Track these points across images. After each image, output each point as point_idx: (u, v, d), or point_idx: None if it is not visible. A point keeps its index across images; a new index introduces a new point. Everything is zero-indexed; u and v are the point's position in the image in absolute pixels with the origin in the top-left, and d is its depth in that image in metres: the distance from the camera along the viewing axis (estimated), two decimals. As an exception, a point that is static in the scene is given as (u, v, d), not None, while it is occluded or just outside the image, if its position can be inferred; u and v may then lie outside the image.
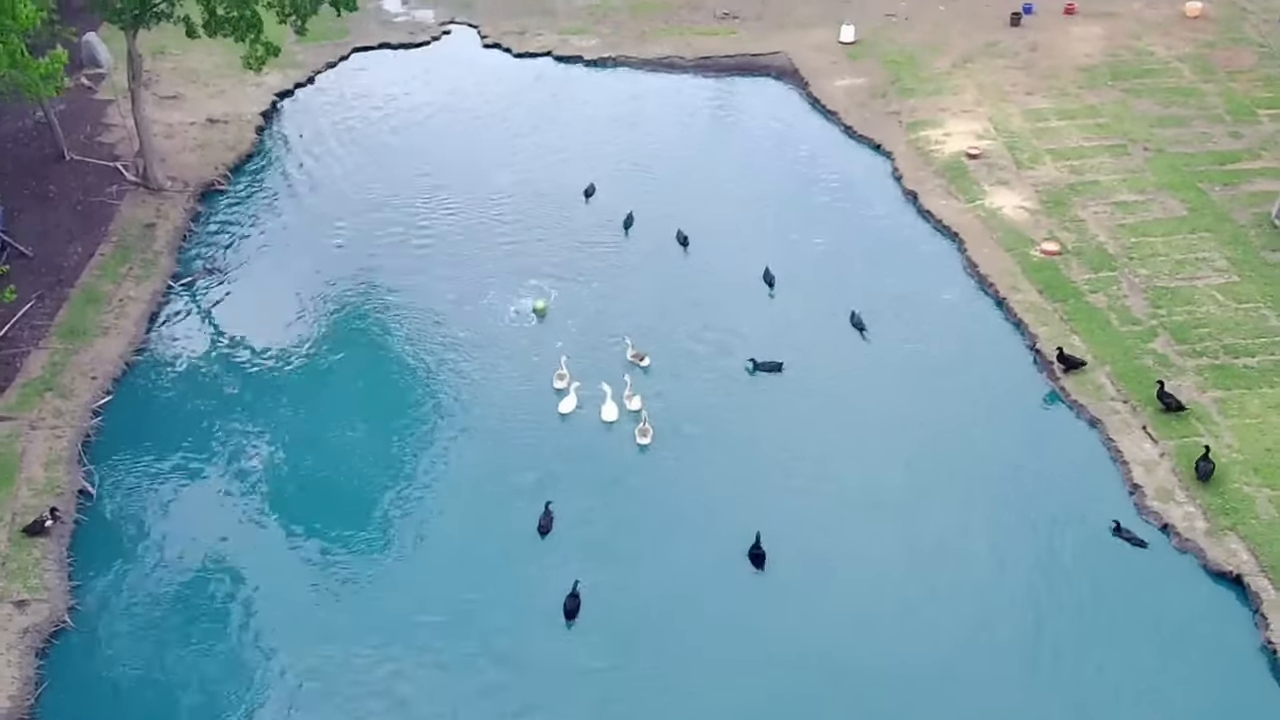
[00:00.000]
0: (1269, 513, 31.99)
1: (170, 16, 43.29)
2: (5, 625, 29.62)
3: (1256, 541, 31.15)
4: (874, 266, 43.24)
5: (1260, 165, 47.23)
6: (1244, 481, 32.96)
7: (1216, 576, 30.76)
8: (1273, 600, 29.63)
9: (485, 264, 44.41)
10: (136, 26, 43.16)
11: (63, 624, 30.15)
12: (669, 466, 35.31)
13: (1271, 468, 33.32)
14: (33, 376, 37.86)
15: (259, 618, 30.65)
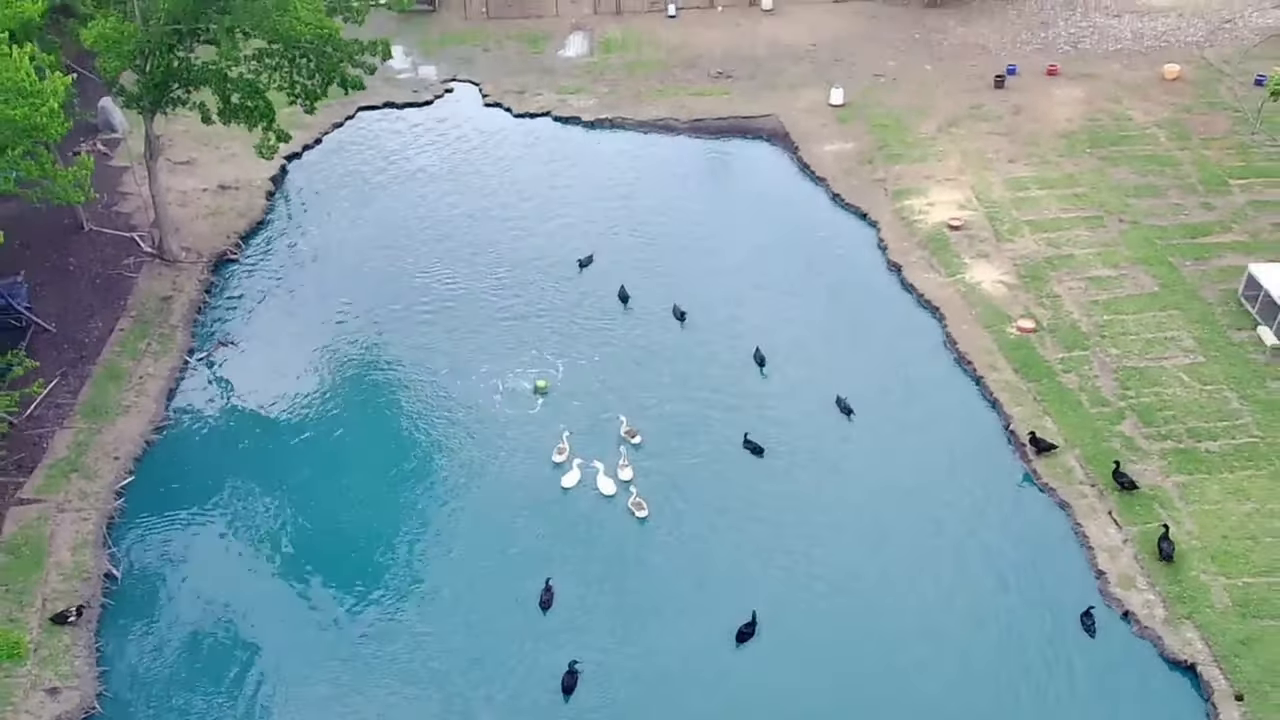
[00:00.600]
0: (1223, 601, 33.99)
1: (186, 103, 45.11)
2: (39, 713, 31.62)
3: (1210, 631, 33.15)
4: (859, 343, 45.18)
5: (1230, 239, 49.13)
6: (1201, 569, 34.96)
7: (1172, 665, 32.76)
8: (1224, 691, 31.63)
9: (487, 336, 46.36)
10: (154, 112, 45.02)
11: (92, 710, 32.18)
12: (664, 541, 37.35)
13: (1227, 555, 35.31)
14: (59, 457, 39.82)
15: (276, 692, 32.67)
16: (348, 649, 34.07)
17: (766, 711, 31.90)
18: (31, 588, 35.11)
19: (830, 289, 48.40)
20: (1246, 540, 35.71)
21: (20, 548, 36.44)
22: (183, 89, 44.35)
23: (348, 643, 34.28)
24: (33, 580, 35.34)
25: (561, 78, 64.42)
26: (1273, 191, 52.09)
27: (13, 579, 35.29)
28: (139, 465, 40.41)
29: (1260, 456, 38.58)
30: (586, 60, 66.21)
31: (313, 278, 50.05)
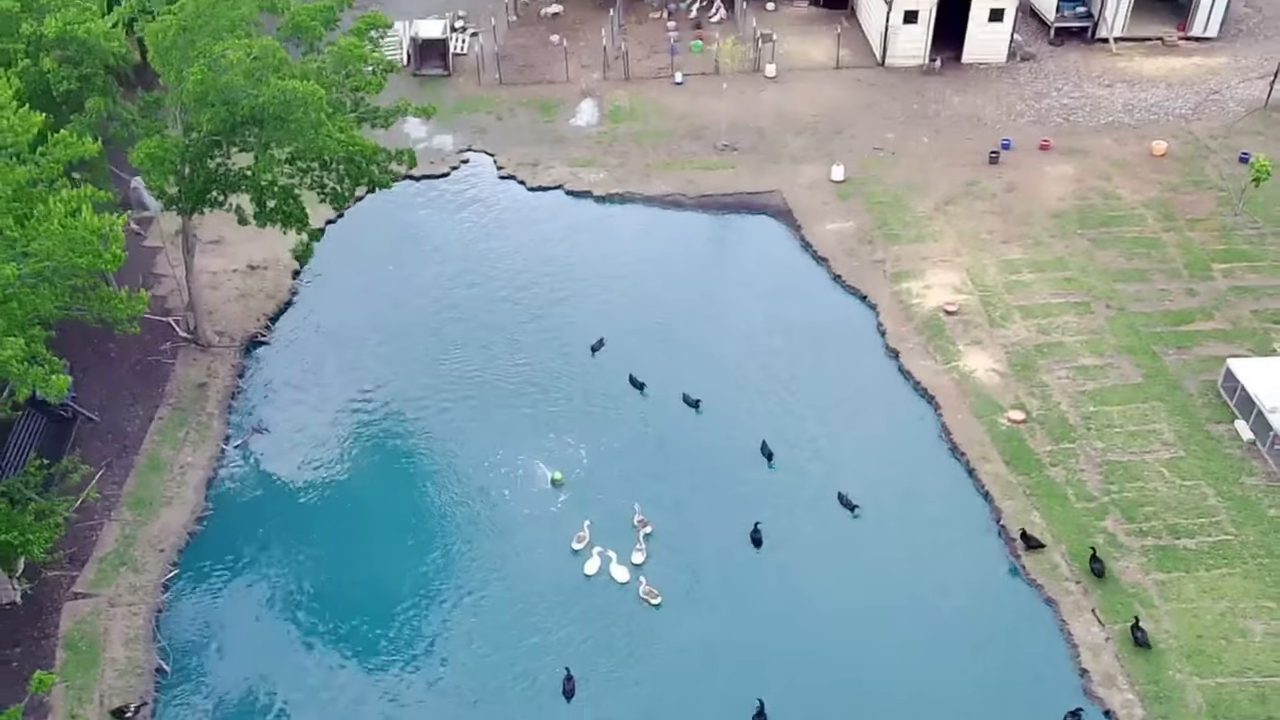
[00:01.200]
0: (1196, 701, 36.66)
1: (223, 205, 47.62)
2: (103, 810, 34.28)
3: (1185, 731, 35.87)
4: (860, 433, 47.79)
5: (1211, 326, 51.71)
6: (1177, 669, 37.63)
7: (1149, 763, 35.49)
8: (1195, 790, 34.37)
9: (505, 423, 48.93)
10: (191, 214, 47.57)
11: (151, 806, 34.83)
12: (676, 628, 40.07)
13: (1201, 656, 37.97)
14: (108, 550, 42.44)
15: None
16: None
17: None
18: (90, 684, 37.77)
19: (833, 375, 50.92)
20: (1220, 640, 38.36)
21: (77, 643, 39.06)
22: (220, 193, 46.77)
23: None
24: (91, 676, 37.98)
25: (573, 149, 66.83)
26: (1252, 276, 54.63)
27: (72, 675, 37.94)
28: (182, 557, 43.04)
29: (1234, 555, 41.20)
30: (596, 130, 68.59)
31: (338, 361, 52.54)
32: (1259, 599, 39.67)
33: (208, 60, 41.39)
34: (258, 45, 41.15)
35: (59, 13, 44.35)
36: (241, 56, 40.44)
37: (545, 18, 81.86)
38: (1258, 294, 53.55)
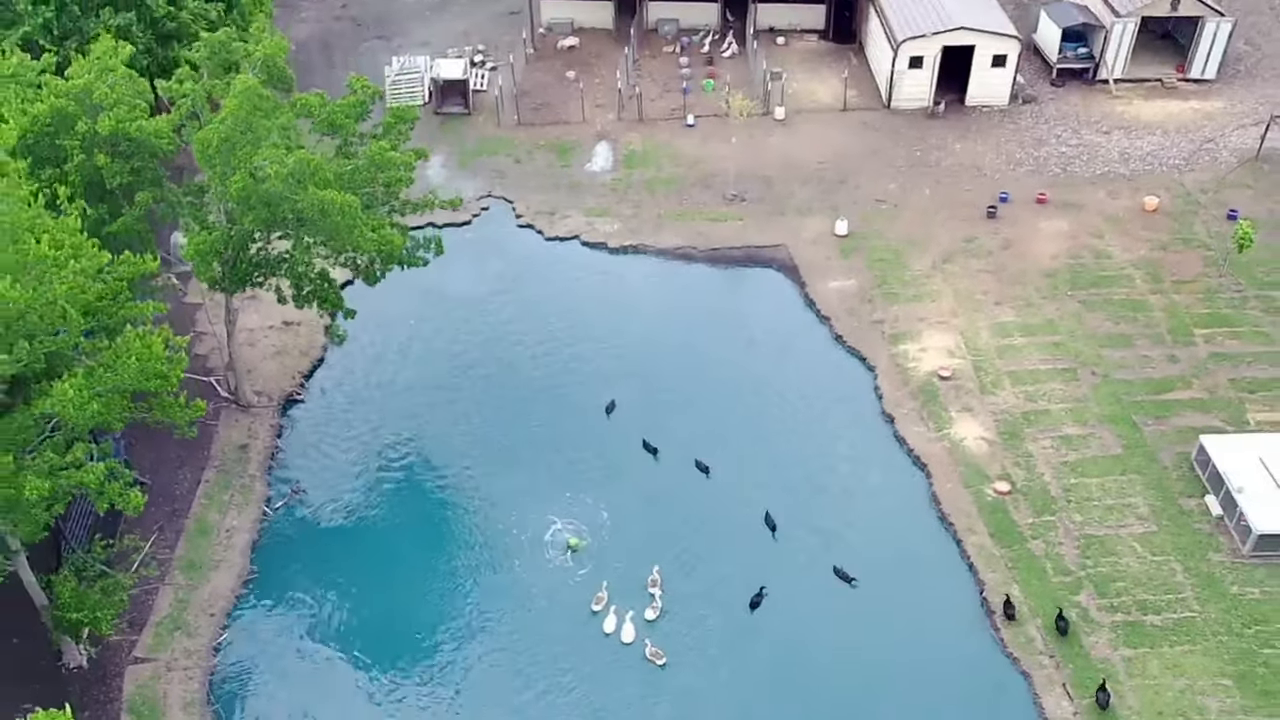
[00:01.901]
0: (1154, 776, 40.58)
1: (263, 286, 51.11)
2: None
3: (1141, 805, 39.76)
4: (856, 503, 51.35)
5: (1189, 395, 54.96)
6: (1137, 745, 41.49)
7: (1108, 834, 39.42)
8: None
9: (525, 484, 52.65)
10: (234, 294, 51.11)
11: None
12: (680, 689, 44.08)
13: (1161, 731, 41.83)
14: (163, 614, 46.51)
15: None
16: None
17: None
18: (153, 748, 41.97)
19: (833, 441, 54.35)
20: (1178, 717, 42.13)
21: (140, 708, 43.25)
22: (261, 276, 50.25)
23: None
24: (152, 741, 42.18)
25: (588, 196, 69.91)
26: (1232, 342, 57.75)
27: (137, 739, 42.13)
28: (231, 620, 47.09)
29: (1196, 632, 44.86)
30: (610, 176, 71.60)
31: (366, 420, 56.20)
32: (1217, 676, 43.36)
33: (248, 169, 44.65)
34: (294, 159, 44.35)
35: (111, 111, 47.63)
36: (279, 170, 43.69)
37: (562, 50, 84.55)
38: (1235, 361, 56.70)
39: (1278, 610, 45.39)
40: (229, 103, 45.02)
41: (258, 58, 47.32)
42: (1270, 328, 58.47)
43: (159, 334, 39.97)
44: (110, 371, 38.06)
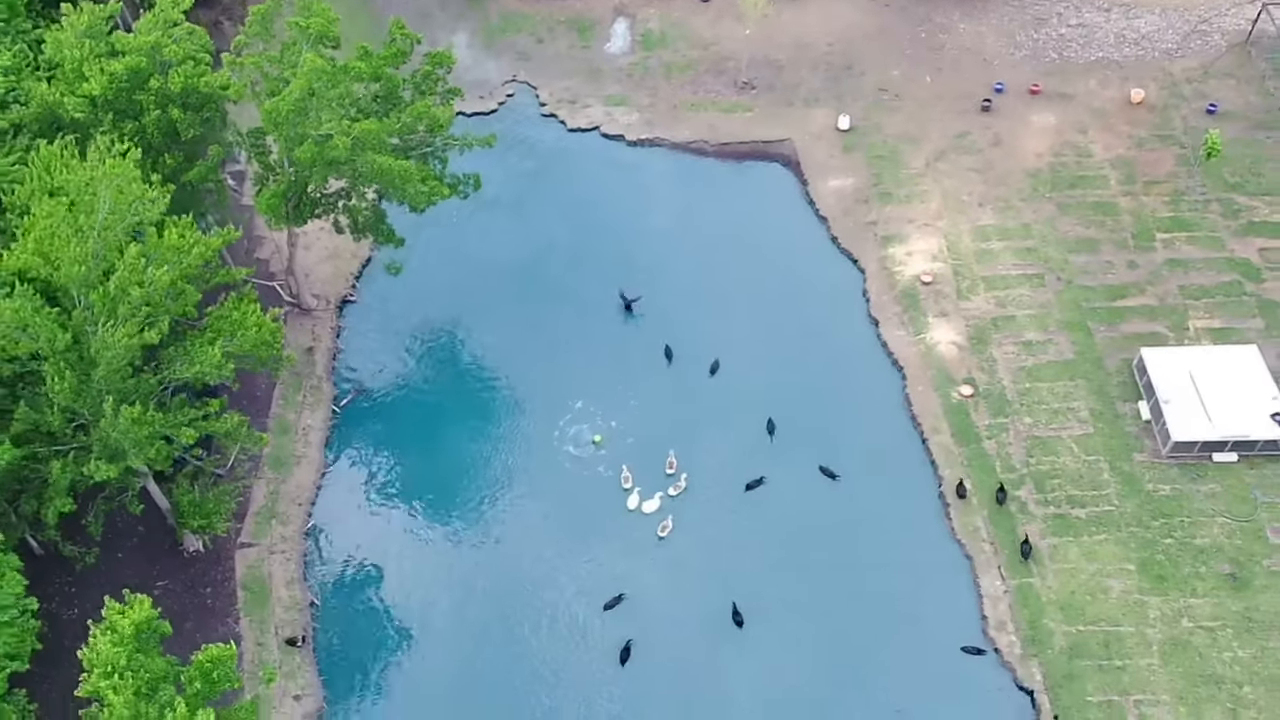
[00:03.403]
0: (1060, 644, 52.34)
1: (321, 217, 59.33)
2: (293, 712, 51.55)
3: (1048, 668, 51.74)
4: (840, 402, 61.34)
5: (1140, 302, 63.48)
6: (1050, 618, 53.08)
7: (1020, 691, 51.57)
8: (1047, 712, 50.56)
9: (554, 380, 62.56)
10: (298, 227, 59.46)
11: (323, 710, 52.04)
12: (688, 549, 56.12)
13: (1071, 608, 53.29)
14: (260, 505, 57.87)
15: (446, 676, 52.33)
16: (471, 633, 53.58)
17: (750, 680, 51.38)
18: (266, 618, 54.27)
19: (824, 343, 63.79)
20: (1086, 596, 53.59)
21: (251, 585, 55.30)
22: (320, 211, 58.50)
23: (468, 630, 53.73)
24: (265, 612, 54.43)
25: (608, 82, 76.09)
26: (1189, 248, 65.66)
27: (253, 611, 54.41)
28: (314, 508, 58.49)
29: (1112, 523, 55.70)
30: (628, 60, 77.37)
31: (413, 318, 65.69)
32: (1122, 562, 54.50)
33: (314, 138, 52.15)
34: (358, 129, 51.71)
35: (179, 67, 54.58)
36: (344, 141, 51.22)
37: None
38: (1187, 267, 64.80)
39: (1181, 506, 55.94)
40: (297, 80, 51.87)
41: (312, 33, 53.55)
42: (1224, 233, 66.12)
43: (271, 314, 49.50)
44: (235, 339, 47.68)
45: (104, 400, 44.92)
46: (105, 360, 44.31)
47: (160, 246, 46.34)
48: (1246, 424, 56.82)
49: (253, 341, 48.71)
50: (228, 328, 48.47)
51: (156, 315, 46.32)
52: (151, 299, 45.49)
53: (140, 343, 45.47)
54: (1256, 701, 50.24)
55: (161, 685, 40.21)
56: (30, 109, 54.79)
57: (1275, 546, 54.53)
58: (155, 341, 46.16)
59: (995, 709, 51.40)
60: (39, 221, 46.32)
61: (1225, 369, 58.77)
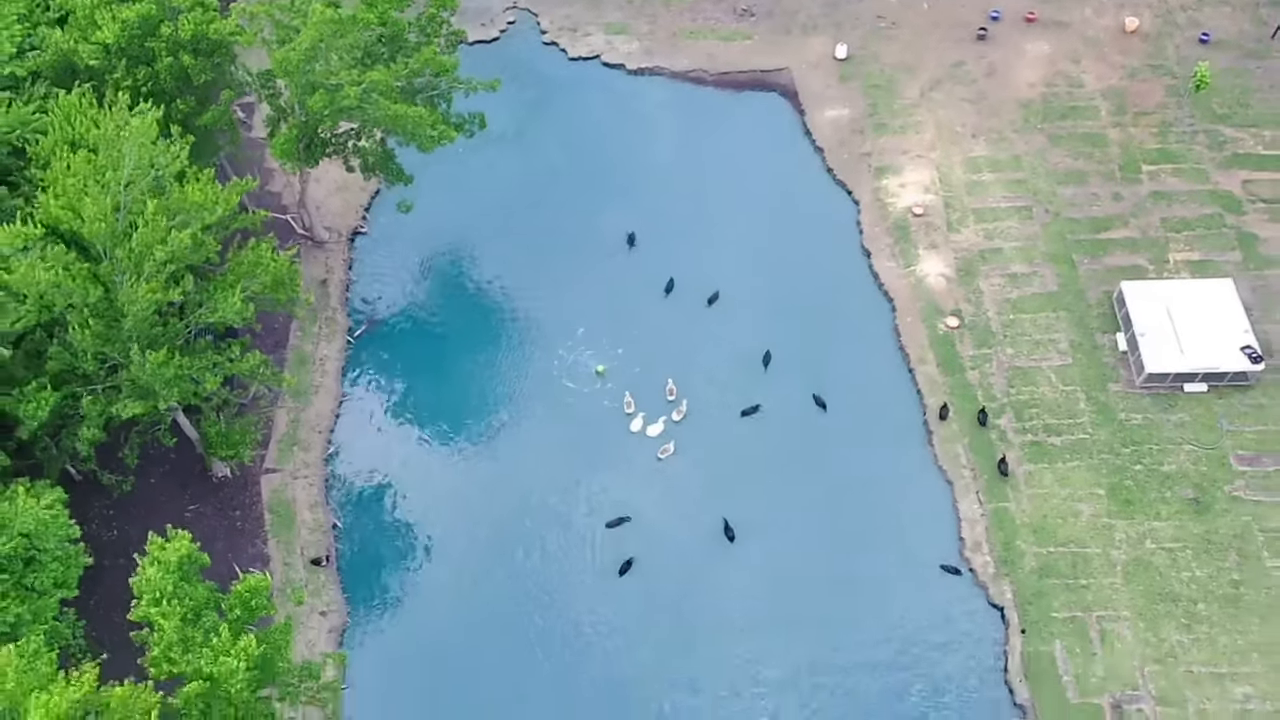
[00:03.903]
0: (1030, 564, 56.76)
1: (332, 158, 61.93)
2: (319, 627, 56.36)
3: (1019, 586, 56.25)
4: (831, 332, 64.74)
5: (1124, 234, 66.35)
6: (1022, 540, 57.42)
7: (992, 605, 56.18)
8: (1015, 626, 55.23)
9: (557, 308, 65.94)
10: (310, 167, 62.12)
11: (346, 624, 56.83)
12: (686, 471, 60.60)
13: (1043, 531, 57.57)
14: (282, 433, 61.89)
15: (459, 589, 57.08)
16: (481, 542, 58.50)
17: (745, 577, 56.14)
18: (292, 539, 58.75)
19: (818, 274, 66.87)
20: (1057, 520, 57.83)
21: (277, 508, 59.67)
22: (332, 151, 61.13)
23: (478, 542, 58.62)
24: (291, 534, 58.89)
25: (609, 10, 77.69)
26: (1174, 180, 68.24)
27: (279, 533, 58.86)
28: (333, 435, 62.49)
29: (1084, 451, 59.62)
30: (629, -17, 78.70)
31: (421, 249, 68.82)
32: (1093, 487, 58.58)
33: (326, 87, 54.55)
34: (368, 79, 54.09)
35: (189, 14, 56.69)
36: (354, 90, 53.69)
37: None
38: (1170, 200, 67.47)
39: (1151, 434, 59.80)
40: (307, 30, 54.01)
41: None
42: (1209, 165, 68.61)
43: (287, 253, 52.55)
44: (253, 280, 50.99)
45: (131, 347, 48.51)
46: (132, 314, 47.68)
47: (182, 201, 49.21)
48: (1217, 356, 60.28)
49: (271, 284, 51.97)
50: (247, 271, 51.59)
51: (180, 270, 49.54)
52: (174, 256, 48.57)
53: (165, 299, 48.80)
54: (1210, 617, 54.83)
55: (204, 611, 44.64)
56: (46, 56, 57.03)
57: (1237, 472, 58.55)
58: (180, 298, 49.49)
59: (968, 624, 56.07)
60: (63, 177, 49.15)
61: (1200, 302, 61.98)
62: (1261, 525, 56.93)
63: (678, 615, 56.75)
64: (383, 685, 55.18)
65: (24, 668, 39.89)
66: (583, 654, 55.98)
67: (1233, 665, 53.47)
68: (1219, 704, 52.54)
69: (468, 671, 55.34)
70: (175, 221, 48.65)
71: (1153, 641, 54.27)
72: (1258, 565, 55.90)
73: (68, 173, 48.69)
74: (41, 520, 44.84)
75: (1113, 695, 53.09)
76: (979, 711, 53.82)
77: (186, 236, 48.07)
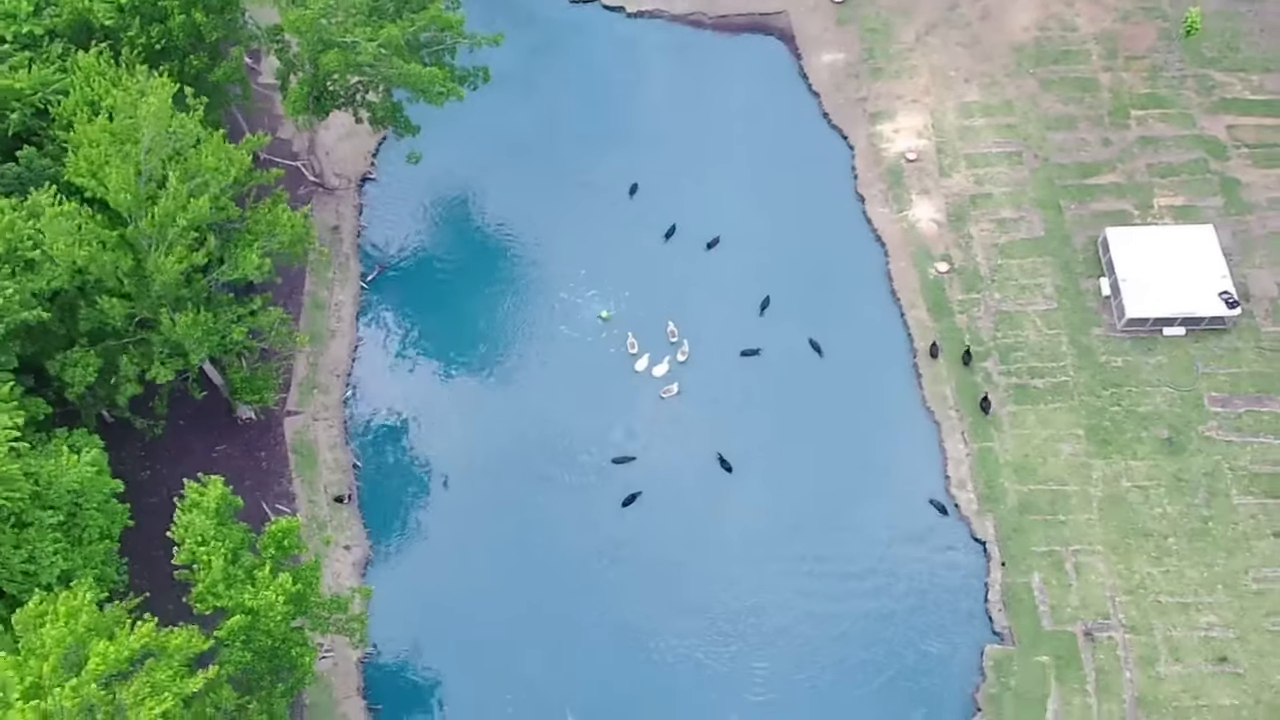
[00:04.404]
0: (1012, 501, 60.86)
1: (342, 109, 64.26)
2: (344, 560, 60.54)
3: (1001, 522, 60.41)
4: (826, 278, 67.91)
5: (1110, 180, 69.12)
6: (1005, 479, 61.42)
7: (974, 540, 60.43)
8: (996, 559, 59.53)
9: (562, 258, 68.97)
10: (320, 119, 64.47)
11: (370, 558, 61.00)
12: (686, 411, 64.38)
13: (1024, 470, 61.54)
14: (302, 377, 65.36)
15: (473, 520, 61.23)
16: (496, 468, 62.80)
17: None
18: (315, 478, 62.63)
19: (813, 219, 69.85)
20: (1038, 459, 61.78)
21: (300, 449, 63.41)
22: (342, 103, 63.50)
23: (494, 467, 62.93)
24: (314, 473, 62.75)
25: (609, -49, 79.07)
26: (1161, 126, 70.77)
27: (304, 472, 62.71)
28: (350, 377, 65.97)
29: (1066, 393, 63.31)
30: (630, -80, 79.92)
31: (428, 191, 71.58)
32: (1073, 428, 62.40)
33: (340, 45, 56.78)
34: (383, 35, 56.30)
35: (202, -29, 58.69)
36: (369, 47, 55.99)
37: None
38: (1157, 145, 70.10)
39: (1130, 377, 63.44)
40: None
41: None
42: (1196, 110, 71.05)
43: (301, 211, 55.51)
44: (271, 238, 53.96)
45: (161, 310, 51.79)
46: (159, 281, 50.80)
47: (200, 167, 51.84)
48: (1195, 302, 63.62)
49: (289, 241, 54.89)
50: (265, 230, 54.48)
51: (203, 234, 52.46)
52: (196, 222, 51.42)
53: (190, 264, 51.79)
54: (1178, 550, 59.12)
55: (242, 552, 48.57)
56: (62, 14, 58.95)
57: (1210, 413, 62.35)
58: (204, 262, 52.50)
59: (952, 557, 60.34)
60: (87, 144, 51.74)
61: (1181, 248, 65.09)
62: (1231, 464, 60.94)
63: (679, 541, 60.94)
64: (403, 609, 59.51)
65: (92, 611, 43.90)
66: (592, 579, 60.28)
67: (1198, 596, 57.92)
68: (1184, 632, 57.11)
69: (481, 594, 59.96)
70: (194, 185, 51.33)
71: (1124, 574, 58.63)
72: (1225, 502, 60.02)
73: (91, 142, 51.25)
74: (87, 478, 48.41)
75: (1085, 624, 57.60)
76: (960, 638, 58.37)
77: (205, 202, 50.84)
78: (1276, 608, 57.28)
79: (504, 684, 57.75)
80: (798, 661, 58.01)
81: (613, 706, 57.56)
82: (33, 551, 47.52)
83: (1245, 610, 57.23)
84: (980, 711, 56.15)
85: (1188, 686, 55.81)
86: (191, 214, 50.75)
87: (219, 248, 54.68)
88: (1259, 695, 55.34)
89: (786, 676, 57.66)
